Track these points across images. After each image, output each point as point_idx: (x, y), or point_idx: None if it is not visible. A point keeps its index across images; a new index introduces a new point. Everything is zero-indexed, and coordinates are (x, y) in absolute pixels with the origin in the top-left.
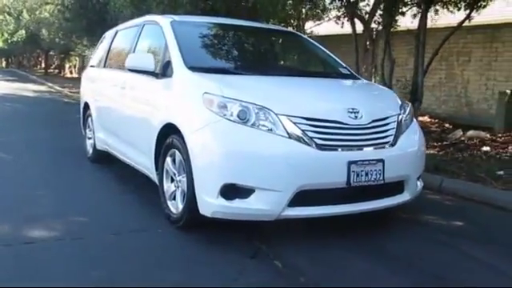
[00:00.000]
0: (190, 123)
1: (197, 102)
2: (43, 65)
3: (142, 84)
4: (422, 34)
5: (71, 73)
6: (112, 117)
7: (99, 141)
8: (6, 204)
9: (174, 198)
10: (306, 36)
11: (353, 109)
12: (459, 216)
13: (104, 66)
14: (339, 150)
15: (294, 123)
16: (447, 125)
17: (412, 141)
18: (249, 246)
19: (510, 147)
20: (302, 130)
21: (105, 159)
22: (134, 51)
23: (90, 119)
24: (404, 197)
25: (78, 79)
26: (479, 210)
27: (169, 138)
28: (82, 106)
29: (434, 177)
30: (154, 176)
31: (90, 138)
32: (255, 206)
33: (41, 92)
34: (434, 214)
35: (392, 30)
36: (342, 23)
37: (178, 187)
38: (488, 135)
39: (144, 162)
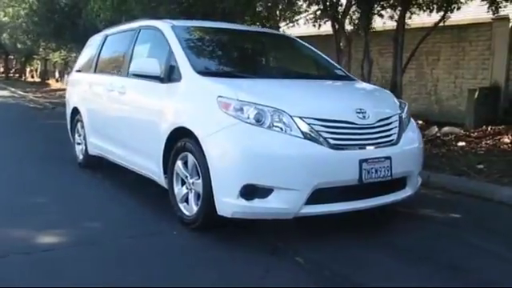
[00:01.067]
0: (205, 127)
1: (211, 106)
2: (2, 69)
3: (146, 89)
4: (401, 35)
5: (32, 77)
6: (109, 122)
7: (92, 146)
8: (10, 212)
9: (186, 201)
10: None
11: (360, 109)
12: (454, 209)
13: (95, 71)
14: (350, 149)
15: (308, 124)
16: (420, 122)
17: (413, 138)
18: (265, 244)
19: (483, 142)
20: (316, 131)
21: (96, 164)
22: (131, 56)
23: (79, 125)
24: (407, 192)
25: (41, 83)
26: (470, 203)
27: (179, 141)
28: (69, 111)
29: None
30: (161, 180)
31: (79, 144)
32: (274, 205)
33: (4, 97)
34: (429, 207)
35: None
36: (319, 25)
37: (190, 190)
38: (462, 131)
39: (150, 166)
